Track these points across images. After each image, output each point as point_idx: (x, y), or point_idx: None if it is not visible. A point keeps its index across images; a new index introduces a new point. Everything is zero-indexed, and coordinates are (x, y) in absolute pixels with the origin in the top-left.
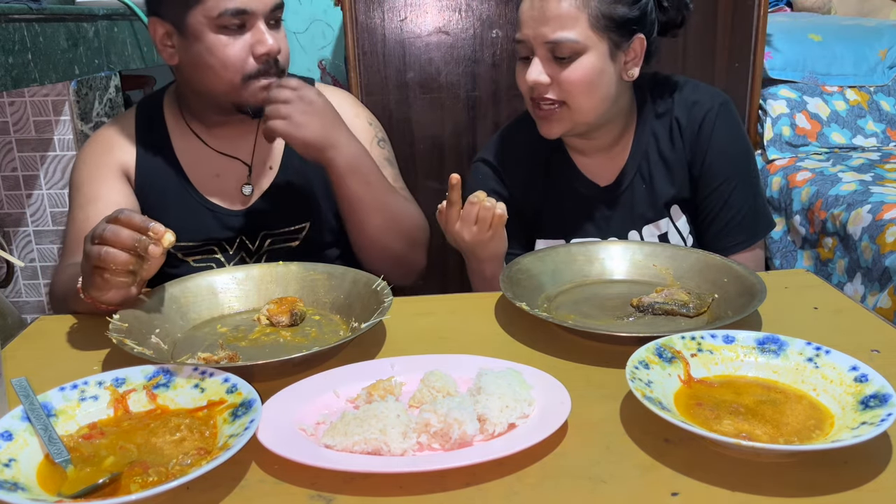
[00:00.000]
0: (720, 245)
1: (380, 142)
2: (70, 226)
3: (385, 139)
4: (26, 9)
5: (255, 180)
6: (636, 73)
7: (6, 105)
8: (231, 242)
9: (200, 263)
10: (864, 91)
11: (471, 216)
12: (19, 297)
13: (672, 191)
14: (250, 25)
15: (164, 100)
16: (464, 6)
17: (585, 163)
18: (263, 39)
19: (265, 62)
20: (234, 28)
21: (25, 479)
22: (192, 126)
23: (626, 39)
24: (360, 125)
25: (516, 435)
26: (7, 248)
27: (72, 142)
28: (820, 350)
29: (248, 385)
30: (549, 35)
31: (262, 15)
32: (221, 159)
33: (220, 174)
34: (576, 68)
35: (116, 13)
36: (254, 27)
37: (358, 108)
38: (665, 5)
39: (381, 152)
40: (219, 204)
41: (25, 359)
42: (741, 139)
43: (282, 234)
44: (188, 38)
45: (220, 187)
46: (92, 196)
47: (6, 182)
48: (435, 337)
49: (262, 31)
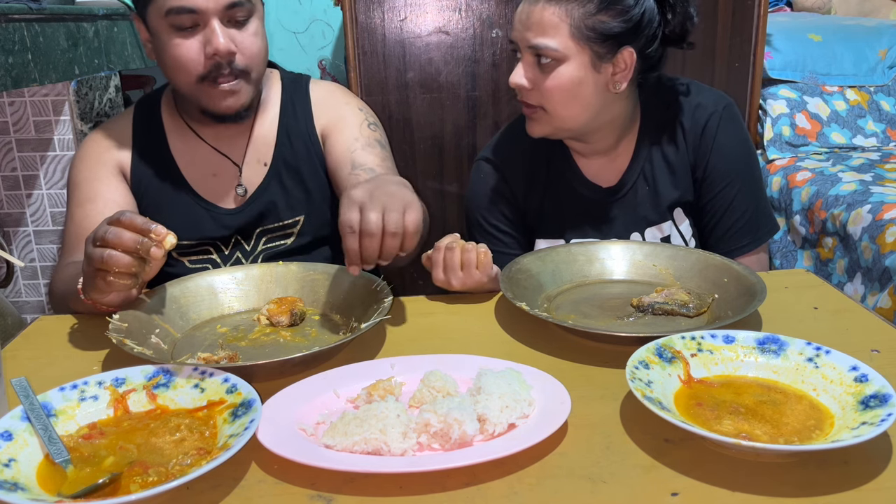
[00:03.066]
0: (724, 248)
1: (370, 125)
2: (69, 224)
3: (377, 123)
4: (26, 9)
5: (248, 178)
6: (624, 86)
7: (6, 105)
8: (227, 242)
9: (196, 264)
10: (864, 91)
11: (454, 263)
12: (19, 297)
13: (675, 193)
14: (203, 25)
15: (161, 99)
16: (464, 6)
17: (587, 164)
18: (212, 39)
19: (215, 63)
20: (186, 28)
21: (25, 479)
22: (189, 124)
23: (611, 52)
24: (349, 111)
25: (516, 435)
26: (7, 248)
27: (72, 142)
28: (820, 350)
29: (248, 385)
30: (530, 40)
31: (215, 14)
32: (217, 159)
33: (216, 174)
34: (554, 76)
35: (116, 13)
36: (206, 26)
37: (349, 97)
38: (668, 18)
39: (371, 134)
40: (214, 203)
41: (25, 359)
42: (745, 142)
43: (277, 229)
44: (153, 36)
45: (216, 187)
46: (90, 195)
47: (6, 182)
48: (435, 337)
49: (213, 30)
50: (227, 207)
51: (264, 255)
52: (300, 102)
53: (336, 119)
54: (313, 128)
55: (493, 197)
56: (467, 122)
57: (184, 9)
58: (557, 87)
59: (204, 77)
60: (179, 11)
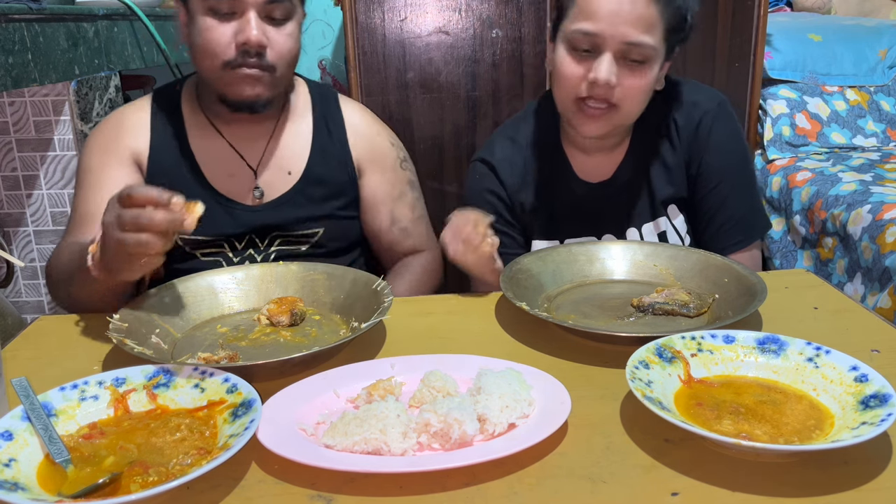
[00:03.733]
0: (717, 245)
1: (402, 163)
2: (74, 208)
3: (407, 159)
4: (26, 9)
5: (267, 183)
6: (663, 82)
7: (6, 105)
8: (241, 239)
9: (208, 258)
10: (864, 91)
11: (460, 232)
12: (19, 297)
13: (670, 190)
14: (240, 14)
15: (182, 92)
16: (464, 6)
17: (582, 161)
18: (246, 29)
19: (244, 52)
20: (223, 12)
21: (25, 478)
22: (210, 119)
23: (672, 51)
24: (382, 145)
25: (516, 435)
26: (7, 248)
27: (72, 142)
28: (820, 350)
29: (248, 385)
30: (630, 36)
31: (254, 6)
32: (235, 158)
33: (233, 174)
34: (641, 75)
35: (116, 13)
36: (242, 16)
37: (379, 126)
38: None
39: (404, 175)
40: (233, 199)
41: (25, 359)
42: (738, 140)
43: (294, 236)
44: (190, 18)
45: (233, 186)
46: (99, 182)
47: (6, 182)
48: (435, 337)
49: (248, 20)
50: (245, 204)
51: (276, 257)
52: (333, 122)
53: (372, 152)
54: (349, 154)
55: (488, 198)
56: (467, 122)
57: None
58: (643, 85)
59: (229, 62)
60: None
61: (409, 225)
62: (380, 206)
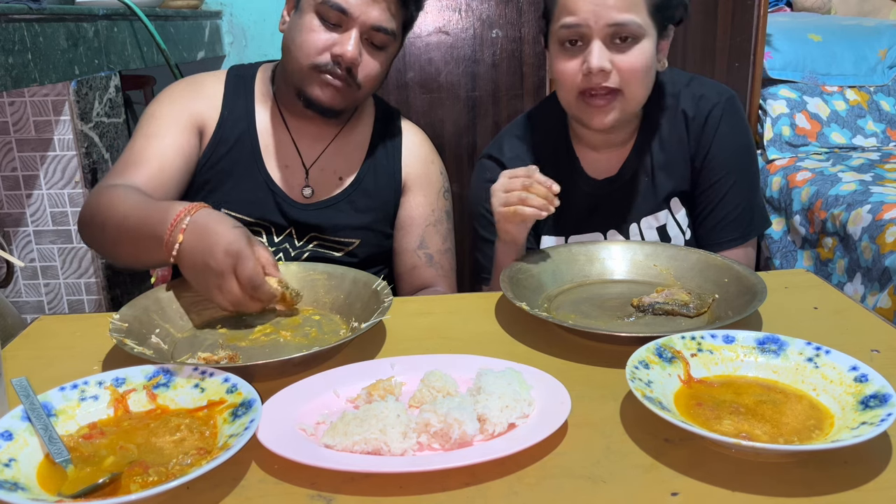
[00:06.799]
0: (713, 240)
1: (445, 192)
2: (128, 149)
3: (449, 189)
4: (26, 9)
5: (317, 183)
6: (666, 63)
7: (6, 105)
8: (281, 231)
9: None
10: (864, 91)
11: (505, 184)
12: (19, 297)
13: (673, 183)
14: (345, 28)
15: (256, 76)
16: (464, 6)
17: (590, 157)
18: (345, 44)
19: (335, 62)
20: (330, 21)
21: (25, 478)
22: (280, 109)
23: (665, 27)
24: (432, 170)
25: (516, 435)
26: (7, 248)
27: (72, 142)
28: (820, 350)
29: (248, 385)
30: (614, 16)
31: (359, 25)
32: (292, 152)
33: (288, 165)
34: (635, 54)
35: (116, 13)
36: (346, 31)
37: (434, 154)
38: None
39: (444, 204)
40: (283, 190)
41: (25, 359)
42: (745, 135)
43: (330, 241)
44: (298, 11)
45: (286, 177)
46: (159, 130)
47: (6, 182)
48: (435, 337)
49: (350, 36)
50: (292, 199)
51: (308, 257)
52: (391, 138)
53: (421, 174)
54: (399, 172)
55: None
56: (467, 122)
57: (337, 6)
58: (639, 65)
59: (318, 66)
60: (333, 6)
61: (436, 255)
62: (414, 226)
